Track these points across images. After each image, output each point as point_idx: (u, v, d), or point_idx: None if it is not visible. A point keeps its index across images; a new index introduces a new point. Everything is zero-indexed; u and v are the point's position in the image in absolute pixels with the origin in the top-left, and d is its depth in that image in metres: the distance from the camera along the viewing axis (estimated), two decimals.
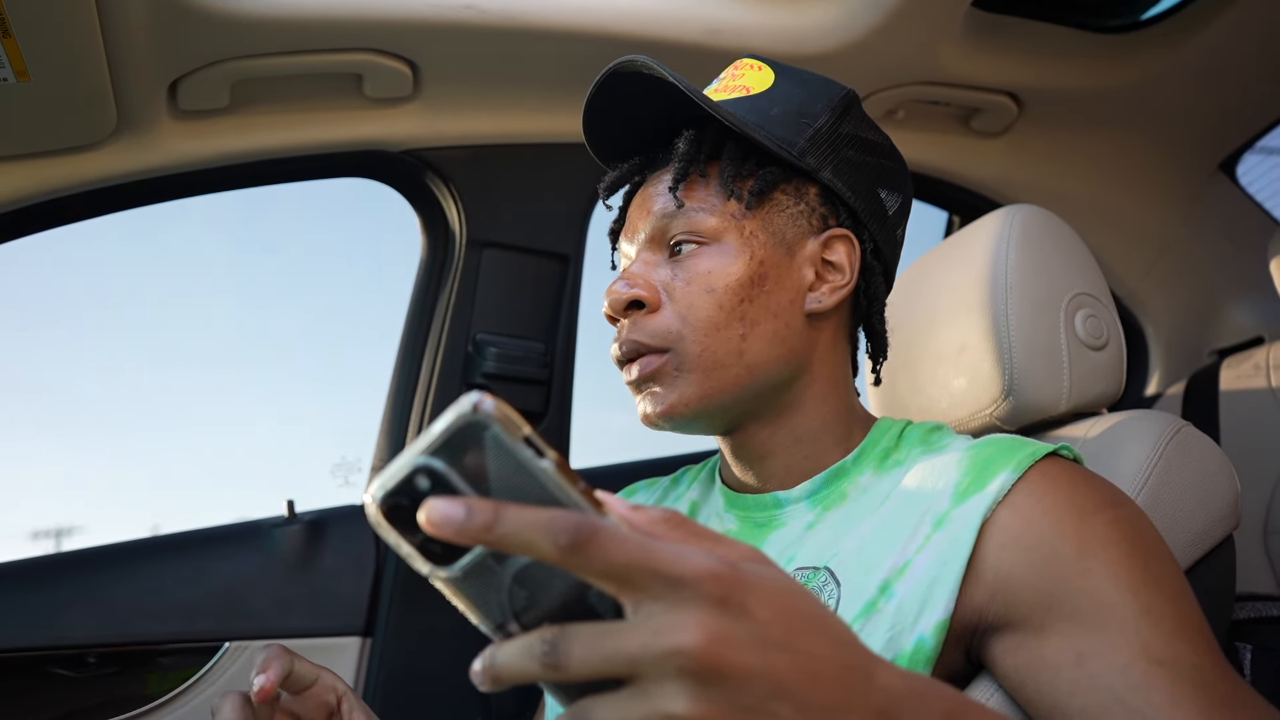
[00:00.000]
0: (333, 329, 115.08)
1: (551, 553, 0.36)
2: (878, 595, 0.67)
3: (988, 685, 0.66)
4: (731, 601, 0.37)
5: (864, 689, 0.39)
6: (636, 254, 0.80)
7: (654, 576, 0.37)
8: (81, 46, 0.98)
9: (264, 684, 0.63)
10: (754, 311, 0.75)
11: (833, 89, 0.81)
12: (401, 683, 1.27)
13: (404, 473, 0.38)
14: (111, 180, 1.22)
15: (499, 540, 0.36)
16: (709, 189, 0.78)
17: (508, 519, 0.36)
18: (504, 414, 0.37)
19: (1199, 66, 1.48)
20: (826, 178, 0.79)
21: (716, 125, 0.78)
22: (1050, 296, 0.90)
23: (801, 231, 0.79)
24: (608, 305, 0.78)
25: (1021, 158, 1.65)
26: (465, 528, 0.36)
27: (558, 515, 0.36)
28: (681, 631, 0.36)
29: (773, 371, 0.76)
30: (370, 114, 1.31)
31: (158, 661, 1.20)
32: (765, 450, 0.79)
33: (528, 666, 0.38)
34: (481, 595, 0.39)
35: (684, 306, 0.75)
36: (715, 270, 0.75)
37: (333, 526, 1.31)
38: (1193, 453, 0.82)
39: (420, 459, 0.38)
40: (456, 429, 0.37)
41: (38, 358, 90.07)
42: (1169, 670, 0.57)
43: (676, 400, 0.75)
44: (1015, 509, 0.65)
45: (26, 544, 12.70)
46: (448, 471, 0.38)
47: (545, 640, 0.37)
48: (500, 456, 0.38)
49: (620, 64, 0.77)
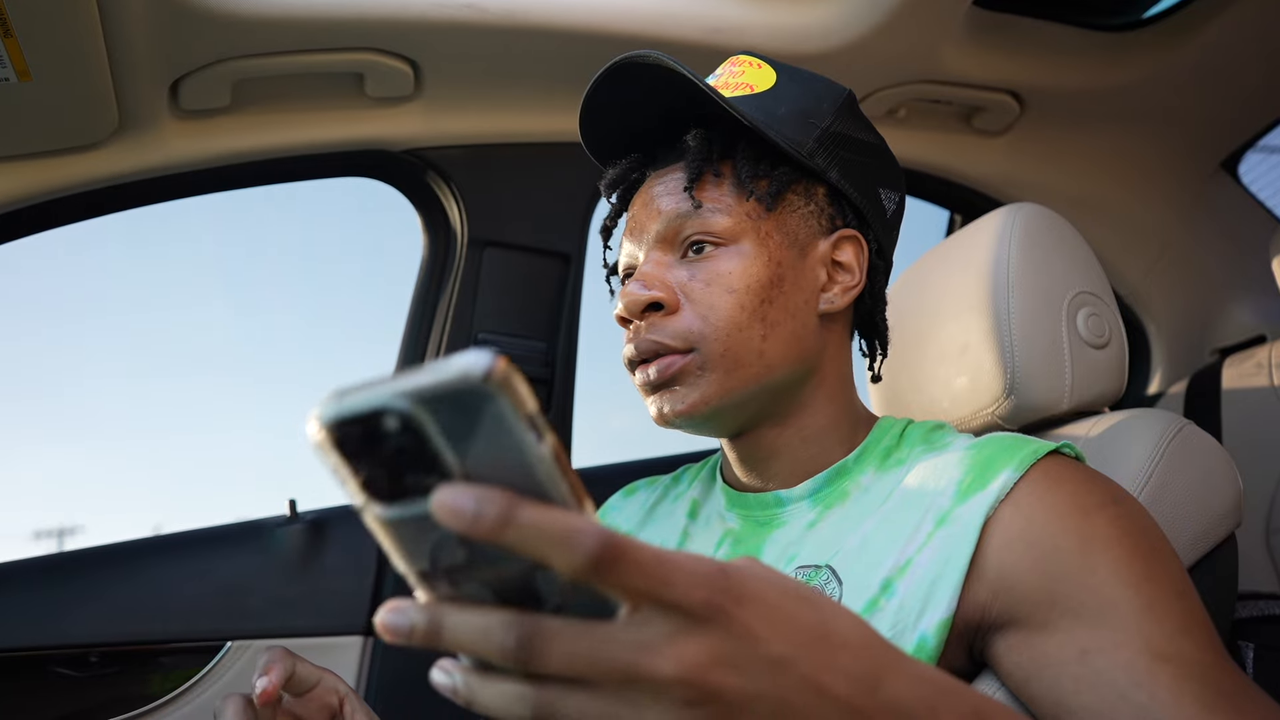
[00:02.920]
0: (334, 329, 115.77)
1: (565, 567, 0.33)
2: (879, 594, 0.67)
3: (990, 684, 0.65)
4: (735, 623, 0.36)
5: (870, 702, 0.38)
6: (645, 254, 0.79)
7: (667, 601, 0.35)
8: (83, 46, 0.98)
9: (266, 686, 0.63)
10: (774, 313, 0.75)
11: (834, 89, 0.82)
12: (403, 683, 1.27)
13: (372, 405, 0.33)
14: (113, 180, 1.22)
15: (508, 542, 0.33)
16: (722, 189, 0.77)
17: (524, 520, 0.33)
18: (513, 388, 0.33)
19: (1201, 65, 1.48)
20: (834, 178, 0.79)
21: (725, 124, 0.78)
22: (1052, 295, 0.90)
23: (812, 232, 0.79)
24: (623, 307, 0.76)
25: (1023, 156, 1.65)
26: (476, 522, 0.33)
27: (578, 529, 0.33)
28: (683, 659, 0.34)
29: (789, 371, 0.77)
30: (371, 113, 1.31)
31: (159, 661, 1.20)
32: (772, 450, 0.79)
33: (480, 646, 0.35)
34: (414, 542, 0.35)
35: (705, 307, 0.74)
36: (735, 271, 0.75)
37: (334, 526, 1.31)
38: (1195, 451, 0.82)
39: (398, 401, 0.33)
40: (457, 389, 0.32)
41: (40, 358, 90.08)
42: (1173, 666, 0.57)
43: (698, 399, 0.74)
44: (1017, 507, 0.65)
45: (29, 544, 12.74)
46: (426, 422, 0.33)
47: (513, 631, 0.34)
48: (495, 429, 0.33)
49: (630, 57, 0.75)
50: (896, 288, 1.05)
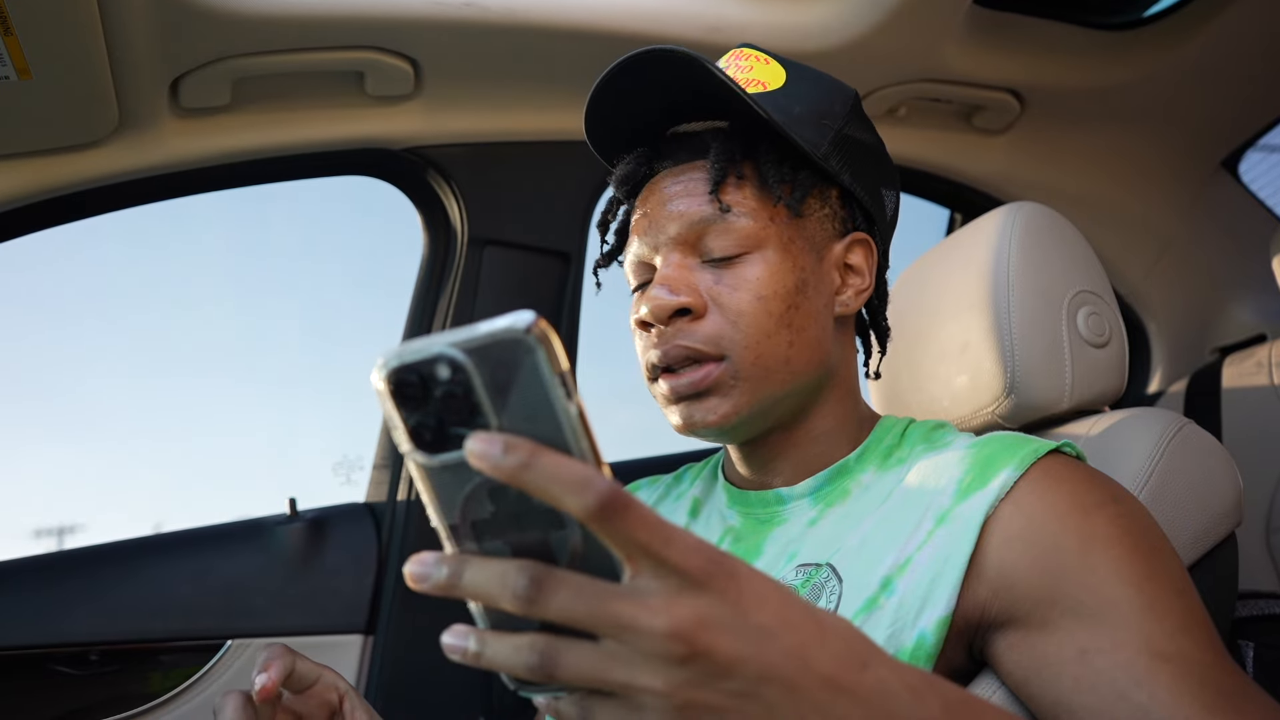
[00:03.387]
0: (335, 328, 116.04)
1: (577, 509, 0.36)
2: (879, 591, 0.67)
3: (990, 683, 0.65)
4: (727, 592, 0.38)
5: (856, 679, 0.40)
6: (662, 256, 0.77)
7: (665, 560, 0.37)
8: (83, 44, 0.98)
9: (265, 683, 0.63)
10: (799, 318, 0.75)
11: (844, 90, 0.81)
12: (403, 680, 1.27)
13: (429, 353, 0.37)
14: (113, 178, 1.22)
15: (526, 483, 0.36)
16: (744, 192, 0.76)
17: (542, 465, 0.36)
18: (550, 344, 0.37)
19: (1201, 64, 1.48)
20: (847, 181, 0.79)
21: (741, 122, 0.77)
22: (1052, 294, 0.90)
23: (828, 235, 0.79)
24: (648, 312, 0.74)
25: (1023, 155, 1.65)
26: (500, 464, 0.36)
27: (592, 476, 0.36)
28: (673, 614, 0.37)
29: (811, 377, 0.77)
30: (371, 112, 1.31)
31: (160, 659, 1.20)
32: (780, 451, 0.79)
33: (494, 591, 0.37)
34: (448, 492, 0.39)
35: (734, 313, 0.73)
36: (763, 277, 0.74)
37: (335, 524, 1.31)
38: (1195, 450, 0.82)
39: (451, 350, 0.37)
40: (501, 340, 0.36)
41: (41, 357, 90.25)
42: (1173, 665, 0.57)
43: (729, 410, 0.73)
44: (1018, 505, 0.65)
45: (29, 542, 12.70)
46: (473, 372, 0.37)
47: (526, 574, 0.37)
48: (531, 382, 0.37)
49: (650, 51, 0.73)
50: (897, 287, 1.05)
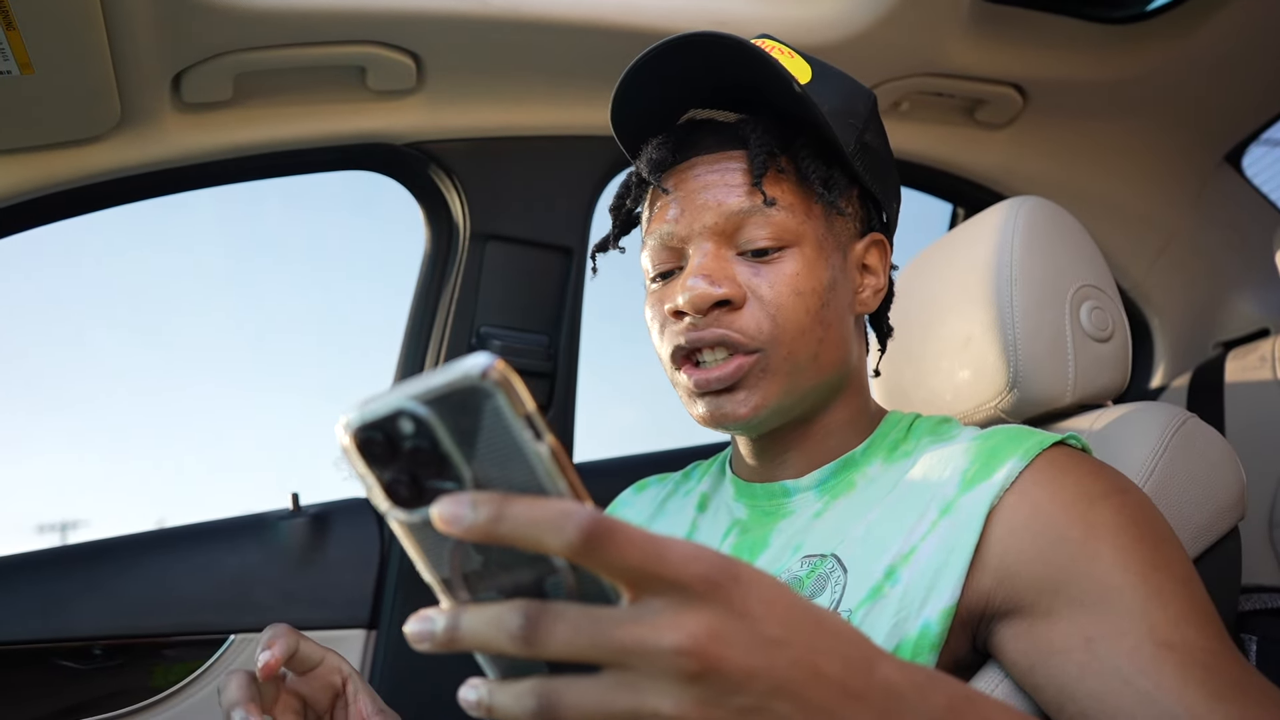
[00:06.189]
0: (337, 322, 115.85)
1: (560, 548, 0.35)
2: (883, 580, 0.67)
3: (994, 674, 0.65)
4: (734, 600, 0.37)
5: (864, 682, 0.39)
6: (695, 244, 0.75)
7: (661, 577, 0.36)
8: (85, 39, 0.98)
9: (269, 660, 0.63)
10: (829, 315, 0.75)
11: (864, 91, 0.82)
12: (406, 675, 1.27)
13: (389, 410, 0.36)
14: (115, 173, 1.22)
15: (503, 536, 0.35)
16: (783, 186, 0.75)
17: (514, 514, 0.35)
18: (510, 387, 0.36)
19: (1204, 58, 1.47)
20: (869, 181, 0.79)
21: (771, 114, 0.76)
22: (1055, 288, 0.90)
23: (850, 234, 0.80)
24: (686, 302, 0.72)
25: (1026, 149, 1.64)
26: (472, 524, 0.35)
27: (569, 509, 0.35)
28: (683, 629, 0.35)
29: (834, 373, 0.77)
30: (374, 107, 1.31)
31: (163, 654, 1.20)
32: (793, 444, 0.79)
33: (491, 635, 0.36)
34: (434, 547, 0.38)
35: (773, 307, 0.73)
36: (802, 273, 0.74)
37: (337, 519, 1.31)
38: (1198, 445, 0.82)
39: (410, 403, 0.36)
40: (458, 388, 0.35)
41: (44, 351, 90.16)
42: (1177, 653, 0.57)
43: (758, 403, 0.73)
44: (1022, 496, 0.65)
45: (33, 537, 12.67)
46: (436, 424, 0.36)
47: (521, 613, 0.36)
48: (495, 428, 0.36)
49: (698, 35, 0.71)
50: (900, 281, 1.05)
